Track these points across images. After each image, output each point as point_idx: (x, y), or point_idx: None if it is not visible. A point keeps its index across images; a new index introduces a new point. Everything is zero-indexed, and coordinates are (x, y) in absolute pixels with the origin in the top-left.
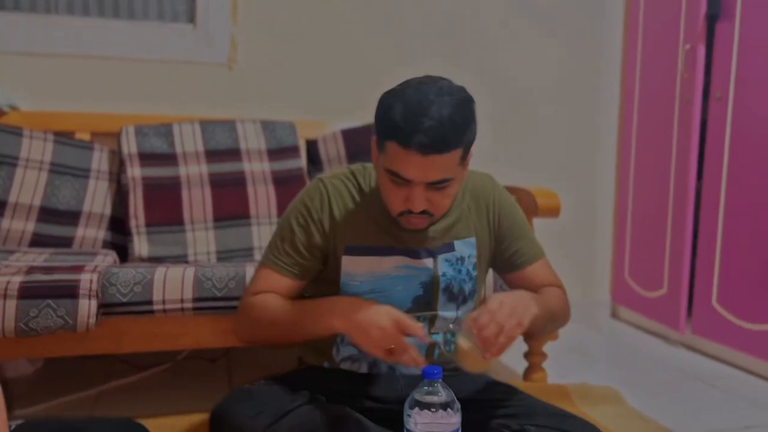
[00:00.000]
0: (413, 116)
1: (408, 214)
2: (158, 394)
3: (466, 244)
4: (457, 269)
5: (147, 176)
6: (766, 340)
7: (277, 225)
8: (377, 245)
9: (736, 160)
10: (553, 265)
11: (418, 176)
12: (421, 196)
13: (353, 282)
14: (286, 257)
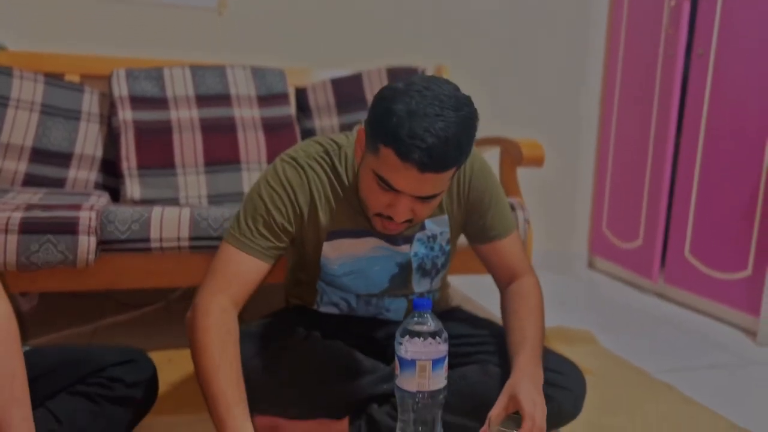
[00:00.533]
0: (417, 130)
1: (386, 219)
2: (153, 331)
3: (437, 223)
4: (429, 247)
5: (138, 119)
6: (733, 289)
7: (247, 202)
8: (355, 229)
9: (714, 117)
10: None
11: (409, 189)
12: (405, 208)
13: (332, 266)
14: (261, 239)
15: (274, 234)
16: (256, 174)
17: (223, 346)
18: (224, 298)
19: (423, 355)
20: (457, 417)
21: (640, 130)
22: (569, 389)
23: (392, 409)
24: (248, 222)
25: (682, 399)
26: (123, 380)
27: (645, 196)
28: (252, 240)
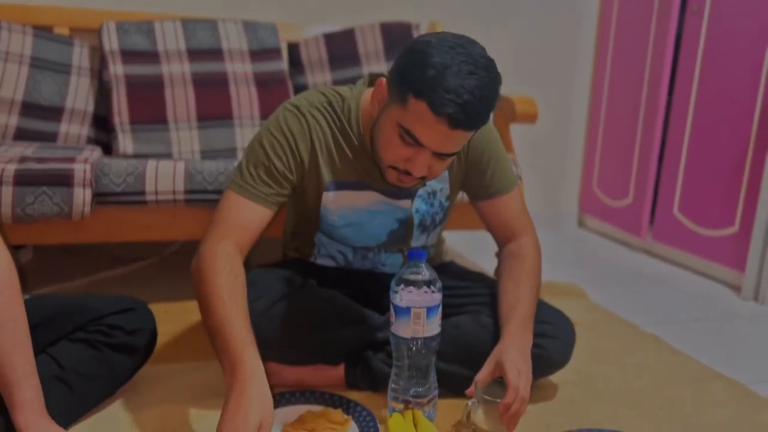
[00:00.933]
0: (453, 85)
1: (402, 173)
2: (148, 285)
3: (438, 179)
4: (429, 203)
5: (129, 74)
6: (719, 245)
7: (249, 150)
8: (356, 181)
9: (706, 75)
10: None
11: (434, 145)
12: (424, 163)
13: (332, 216)
14: (263, 186)
15: (276, 181)
16: (249, 130)
17: (233, 289)
18: (229, 244)
19: (417, 303)
20: (450, 365)
21: (632, 88)
22: (559, 338)
23: (387, 357)
24: (250, 169)
25: (668, 349)
26: (123, 328)
27: (636, 154)
28: (254, 187)
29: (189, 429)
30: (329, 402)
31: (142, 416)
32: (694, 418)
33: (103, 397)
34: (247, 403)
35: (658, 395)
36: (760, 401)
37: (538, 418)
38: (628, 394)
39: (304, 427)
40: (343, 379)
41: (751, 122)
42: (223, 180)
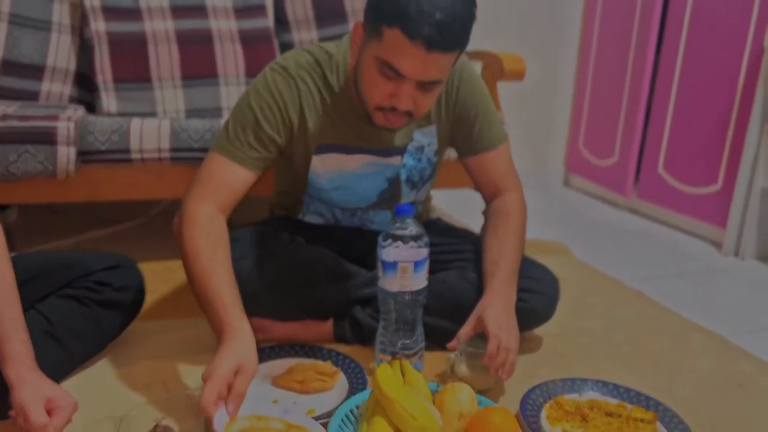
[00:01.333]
0: (425, 6)
1: (388, 111)
2: (135, 245)
3: (425, 134)
4: (417, 158)
5: (112, 31)
6: (702, 203)
7: (236, 111)
8: (346, 144)
9: (693, 34)
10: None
11: (414, 72)
12: (409, 95)
13: (320, 180)
14: (249, 150)
15: (263, 144)
16: (234, 89)
17: (213, 250)
18: (210, 204)
19: (405, 258)
20: (437, 319)
21: (619, 47)
22: (543, 293)
23: (374, 311)
24: (237, 131)
25: (650, 304)
26: (111, 284)
27: (622, 113)
28: (240, 150)
29: (179, 382)
30: (318, 355)
31: (132, 370)
32: (675, 368)
33: (92, 352)
34: (226, 352)
35: (640, 347)
36: (738, 351)
37: (522, 369)
38: (610, 347)
39: (294, 378)
40: (332, 334)
41: (736, 83)
42: (209, 138)
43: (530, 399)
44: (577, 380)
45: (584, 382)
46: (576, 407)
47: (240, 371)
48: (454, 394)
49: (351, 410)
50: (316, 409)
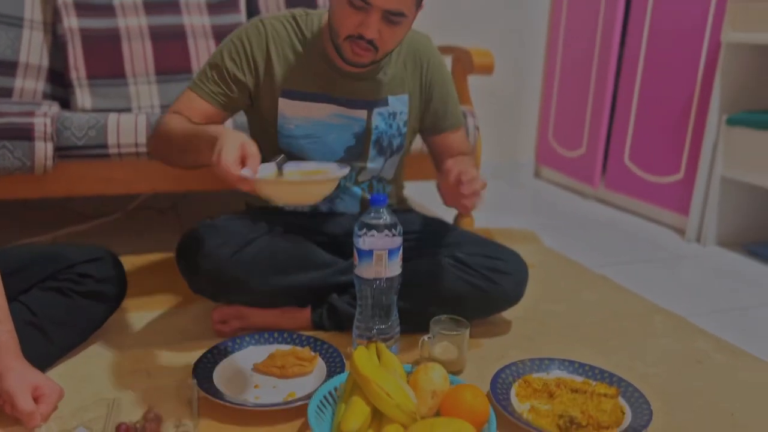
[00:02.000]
0: None
1: (356, 40)
2: (113, 240)
3: (399, 101)
4: (388, 124)
5: (85, 27)
6: (666, 191)
7: (211, 56)
8: (314, 91)
9: (655, 27)
10: (484, 130)
11: (379, 1)
12: (375, 23)
13: (289, 125)
14: (212, 85)
15: (225, 82)
16: None
17: (179, 117)
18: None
19: (379, 246)
20: (410, 303)
21: (585, 42)
22: (511, 274)
23: (351, 299)
24: (206, 70)
25: (615, 287)
26: (93, 276)
27: (589, 106)
28: (205, 85)
29: (162, 369)
30: (297, 341)
31: (116, 359)
32: (637, 347)
33: (76, 342)
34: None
35: (605, 328)
36: (697, 331)
37: (493, 351)
38: (577, 329)
39: (274, 364)
40: (310, 321)
41: (695, 77)
42: None
43: (500, 378)
44: (545, 360)
45: (551, 362)
46: (543, 385)
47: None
48: (428, 373)
49: (329, 392)
50: (296, 392)
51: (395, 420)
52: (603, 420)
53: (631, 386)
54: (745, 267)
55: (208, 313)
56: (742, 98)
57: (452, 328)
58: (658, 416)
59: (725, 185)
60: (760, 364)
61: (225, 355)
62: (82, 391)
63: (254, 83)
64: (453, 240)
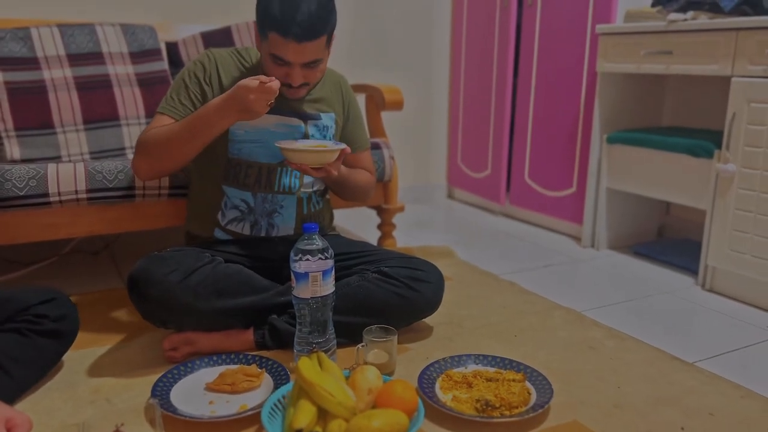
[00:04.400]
0: (288, 12)
1: (287, 87)
2: (51, 284)
3: (328, 118)
4: (322, 134)
5: (10, 80)
6: (562, 204)
7: (172, 85)
8: None
9: (543, 59)
10: (398, 156)
11: (295, 59)
12: (299, 74)
13: (239, 130)
14: (180, 105)
15: (190, 100)
16: (136, 128)
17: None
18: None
19: (314, 268)
20: (344, 316)
21: (484, 75)
22: (429, 281)
23: (290, 318)
24: (171, 95)
25: (521, 291)
26: (48, 316)
27: (491, 132)
28: (174, 106)
29: (121, 395)
30: (243, 360)
31: (76, 391)
32: (539, 339)
33: (36, 378)
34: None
35: (512, 326)
36: (590, 323)
37: (419, 354)
38: (489, 328)
39: (225, 382)
40: (253, 341)
41: (578, 102)
42: (122, 177)
43: (425, 375)
44: (462, 356)
45: (468, 357)
46: (462, 377)
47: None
48: (363, 374)
49: (278, 400)
50: (247, 404)
51: (338, 415)
52: (513, 401)
53: (535, 371)
54: (634, 266)
55: (156, 344)
56: (617, 119)
57: (382, 336)
58: (559, 394)
59: (611, 195)
60: (642, 345)
61: (179, 377)
62: (48, 421)
63: (212, 95)
64: (377, 257)
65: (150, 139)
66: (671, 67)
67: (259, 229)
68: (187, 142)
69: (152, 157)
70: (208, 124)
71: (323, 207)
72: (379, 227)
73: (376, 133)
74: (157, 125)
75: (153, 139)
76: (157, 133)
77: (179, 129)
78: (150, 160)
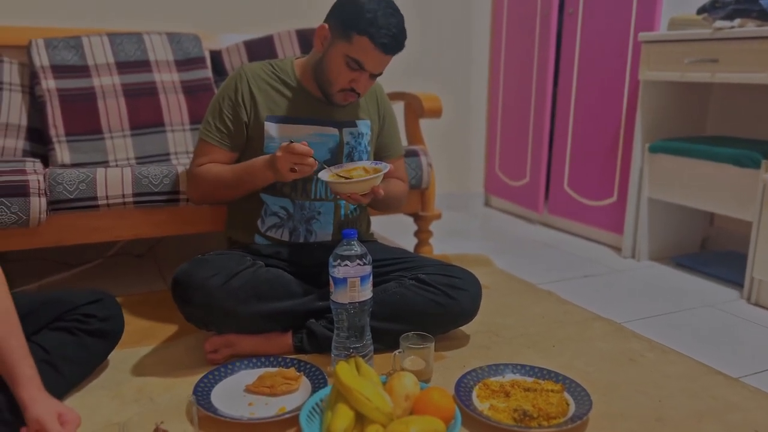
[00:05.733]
0: (385, 22)
1: (348, 92)
2: (96, 285)
3: (364, 125)
4: (357, 141)
5: (62, 88)
6: (602, 213)
7: (209, 107)
8: (296, 116)
9: (584, 68)
10: (437, 164)
11: (373, 68)
12: (366, 82)
13: (273, 144)
14: (217, 132)
15: (224, 124)
16: (180, 134)
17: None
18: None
19: (352, 274)
20: (382, 322)
21: (523, 81)
22: (467, 290)
23: (328, 323)
24: (208, 119)
25: (559, 301)
26: (96, 316)
27: (530, 140)
28: (211, 133)
29: (163, 395)
30: (282, 364)
31: (121, 389)
32: (578, 350)
33: (84, 376)
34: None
35: (551, 336)
36: (630, 334)
37: (457, 361)
38: (526, 337)
39: (263, 384)
40: (292, 345)
41: (621, 110)
42: (167, 182)
43: (462, 383)
44: (500, 365)
45: (506, 366)
46: (500, 386)
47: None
48: (401, 380)
49: (316, 403)
50: (286, 407)
51: (375, 421)
52: (551, 411)
53: (574, 382)
54: (676, 277)
55: (198, 345)
56: (660, 128)
57: (419, 343)
58: (598, 405)
59: (653, 205)
60: (684, 358)
61: (220, 379)
62: (93, 417)
63: (246, 116)
64: (415, 264)
65: (200, 177)
66: (717, 75)
67: (297, 235)
68: (234, 189)
69: (203, 192)
70: (251, 179)
71: (360, 214)
72: (415, 234)
73: (414, 140)
74: (201, 153)
75: (202, 178)
76: (207, 175)
77: (227, 178)
78: (200, 193)
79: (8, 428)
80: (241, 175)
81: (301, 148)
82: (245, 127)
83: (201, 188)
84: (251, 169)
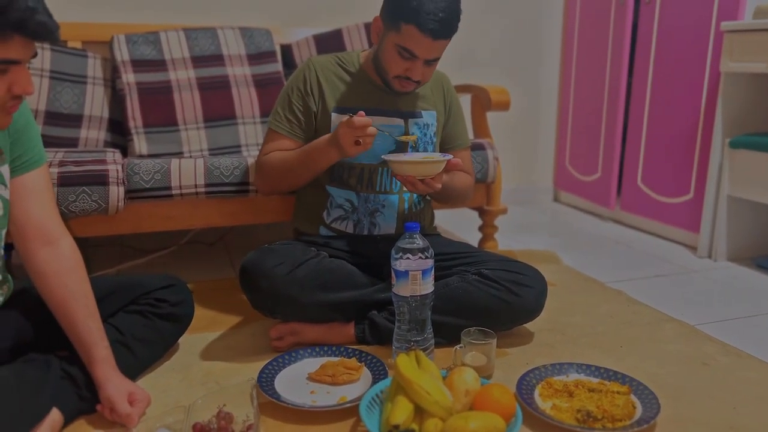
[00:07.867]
0: (432, 8)
1: (404, 79)
2: (170, 271)
3: (430, 115)
4: (423, 132)
5: (141, 81)
6: (677, 211)
7: (278, 98)
8: (362, 107)
9: (660, 59)
10: (504, 157)
11: (424, 54)
12: (420, 70)
13: None
14: (286, 122)
15: (295, 116)
16: (251, 127)
17: (279, 153)
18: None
19: (414, 267)
20: (443, 316)
21: (596, 74)
22: (531, 286)
23: (389, 315)
24: (278, 110)
25: (629, 300)
26: (168, 300)
27: (602, 133)
28: (281, 123)
29: (228, 379)
30: (344, 353)
31: (190, 372)
32: (647, 351)
33: (156, 358)
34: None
35: (618, 336)
36: (704, 337)
37: (519, 359)
38: (593, 337)
39: (326, 373)
40: (354, 335)
41: (699, 103)
42: (238, 173)
43: (525, 381)
44: (564, 364)
45: (570, 366)
46: (564, 386)
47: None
48: (461, 375)
49: (377, 394)
50: (347, 396)
51: (435, 415)
52: (616, 413)
53: (642, 384)
54: (756, 279)
55: (264, 332)
56: (742, 122)
57: (480, 338)
58: (666, 409)
59: (732, 203)
60: (762, 364)
61: (283, 366)
62: (163, 398)
63: (315, 107)
64: (478, 259)
65: (267, 164)
66: None
67: (361, 227)
68: (300, 172)
69: (271, 180)
70: (315, 159)
71: (424, 207)
72: (480, 229)
73: (481, 133)
74: (270, 142)
75: (269, 165)
76: (274, 161)
77: (292, 160)
78: (269, 181)
79: (87, 404)
80: (306, 157)
81: (361, 121)
82: (314, 116)
83: (268, 175)
84: (315, 149)
